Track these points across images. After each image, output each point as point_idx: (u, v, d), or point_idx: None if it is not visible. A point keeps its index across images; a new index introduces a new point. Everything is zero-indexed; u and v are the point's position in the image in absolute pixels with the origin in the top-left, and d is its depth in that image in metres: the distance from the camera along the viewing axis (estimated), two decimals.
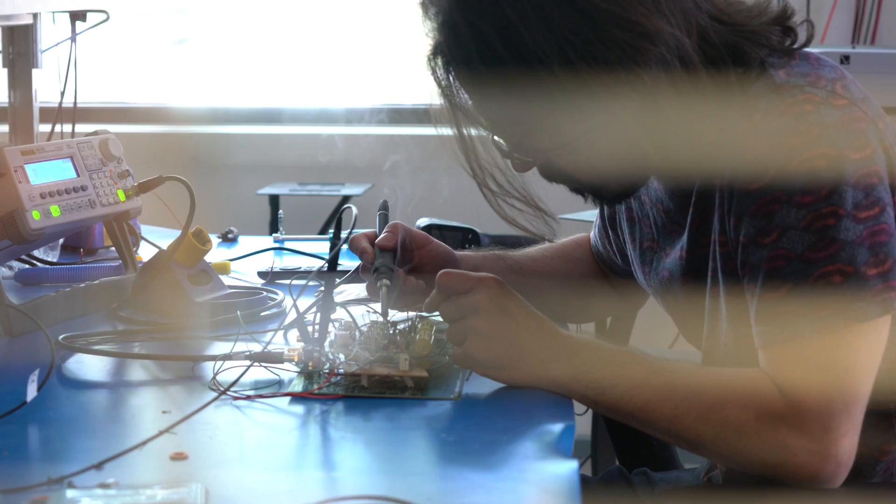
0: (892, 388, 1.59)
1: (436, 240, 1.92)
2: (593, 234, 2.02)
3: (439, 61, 1.58)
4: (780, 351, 1.49)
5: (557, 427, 1.48)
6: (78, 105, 2.73)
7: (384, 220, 1.91)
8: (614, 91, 1.50)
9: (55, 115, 2.73)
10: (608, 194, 1.67)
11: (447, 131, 1.61)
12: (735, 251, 1.54)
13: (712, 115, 1.53)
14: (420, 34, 1.60)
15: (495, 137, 1.63)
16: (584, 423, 2.09)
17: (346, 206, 1.75)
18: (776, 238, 1.48)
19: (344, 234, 1.72)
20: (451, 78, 1.58)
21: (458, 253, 1.95)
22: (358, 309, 1.77)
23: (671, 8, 1.52)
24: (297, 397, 1.56)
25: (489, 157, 1.64)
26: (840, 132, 1.48)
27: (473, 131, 1.62)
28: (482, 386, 1.61)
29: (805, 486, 1.48)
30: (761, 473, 1.52)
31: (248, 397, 1.55)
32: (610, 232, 1.93)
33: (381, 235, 1.84)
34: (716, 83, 1.54)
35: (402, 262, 1.82)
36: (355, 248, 1.86)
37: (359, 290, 1.96)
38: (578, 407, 1.60)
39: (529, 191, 1.66)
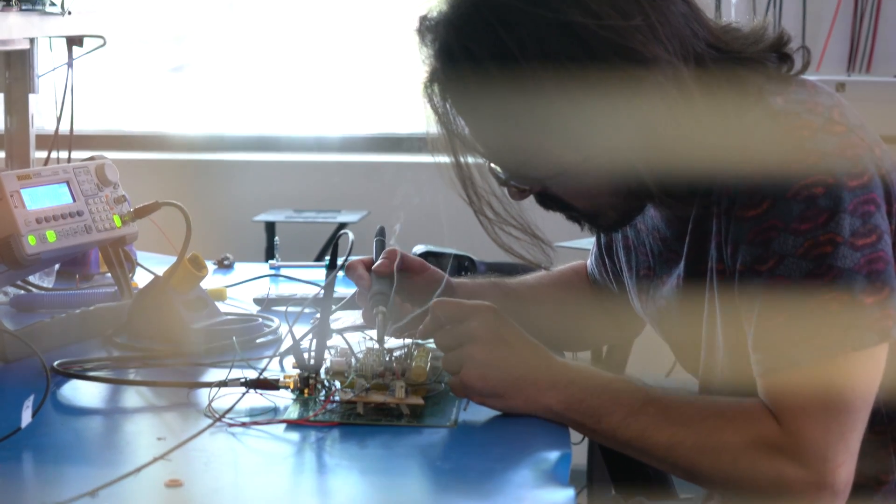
0: (889, 417, 1.59)
1: (432, 266, 1.92)
2: (590, 261, 2.02)
3: (436, 88, 1.58)
4: (777, 379, 1.49)
5: (554, 455, 1.47)
6: (74, 132, 2.73)
7: (381, 246, 1.91)
8: (611, 118, 1.50)
9: (51, 141, 2.73)
10: (605, 222, 1.67)
11: (444, 159, 1.61)
12: (732, 278, 1.54)
13: (709, 141, 1.53)
14: (416, 62, 1.60)
15: (492, 165, 1.63)
16: (580, 452, 2.08)
17: (342, 231, 1.74)
18: (773, 265, 1.48)
19: (340, 261, 1.72)
20: (447, 105, 1.58)
21: (455, 280, 1.95)
22: (354, 336, 1.77)
23: (668, 36, 1.52)
24: (292, 424, 1.55)
25: (486, 185, 1.63)
26: (837, 159, 1.47)
27: (471, 159, 1.62)
28: (478, 414, 1.60)
29: None
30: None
31: (243, 424, 1.54)
32: (606, 260, 1.92)
33: (378, 262, 1.84)
34: (713, 110, 1.53)
35: (398, 288, 1.82)
36: (352, 275, 1.85)
37: (355, 317, 1.95)
38: (575, 435, 1.60)
39: (526, 218, 1.66)
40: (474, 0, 1.53)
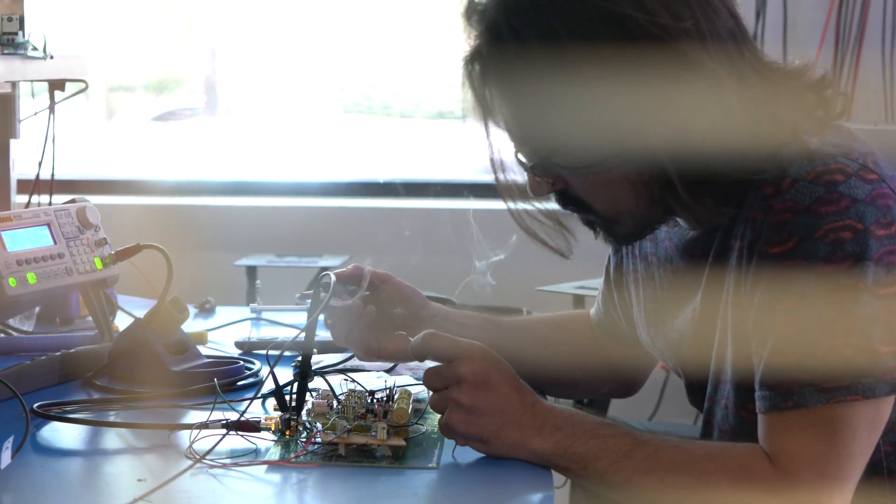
0: (889, 469, 1.58)
1: (397, 278, 1.91)
2: (595, 309, 2.01)
3: (476, 67, 1.56)
4: (780, 418, 1.47)
5: (536, 497, 1.47)
6: (56, 177, 2.73)
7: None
8: (648, 115, 1.49)
9: (32, 186, 2.73)
10: (620, 231, 1.64)
11: (428, 204, 1.61)
12: (748, 312, 1.52)
13: (741, 158, 1.51)
14: (457, 43, 1.59)
15: (518, 155, 1.62)
16: (562, 495, 2.08)
17: (324, 272, 1.74)
18: (792, 305, 1.47)
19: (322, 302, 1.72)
20: (486, 84, 1.56)
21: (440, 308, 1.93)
22: (335, 378, 1.76)
23: (715, 45, 1.51)
24: (274, 466, 1.54)
25: (515, 168, 1.62)
26: (868, 206, 1.46)
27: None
28: (461, 455, 1.60)
29: None
30: None
31: (224, 465, 1.53)
32: (616, 295, 1.91)
33: (342, 270, 1.83)
34: (749, 128, 1.52)
35: (365, 299, 1.83)
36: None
37: (336, 358, 1.95)
38: (558, 478, 1.59)
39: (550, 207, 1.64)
40: None
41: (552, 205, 1.65)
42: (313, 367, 1.68)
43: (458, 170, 4.09)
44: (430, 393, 1.62)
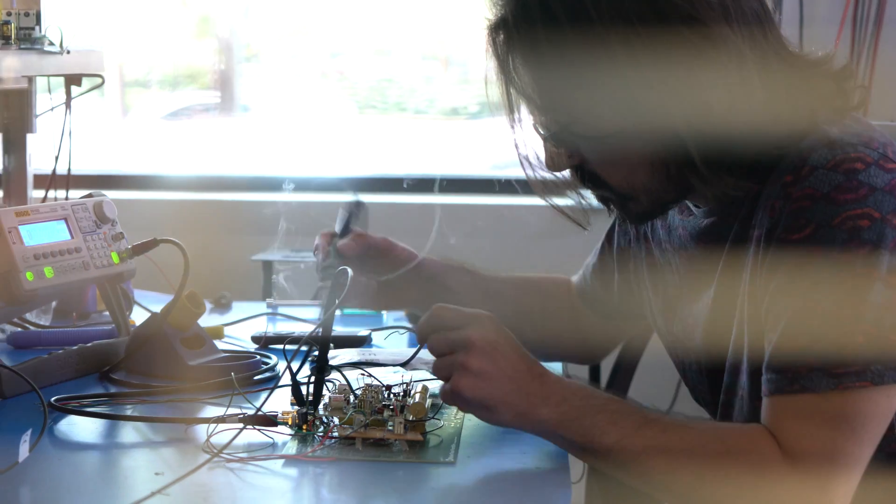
0: None
1: (401, 245, 1.94)
2: (579, 277, 2.04)
3: (501, 34, 1.57)
4: (786, 401, 1.47)
5: (553, 493, 1.47)
6: (72, 172, 2.73)
7: (347, 218, 1.95)
8: (669, 87, 1.49)
9: (49, 180, 2.73)
10: (635, 208, 1.64)
11: (438, 201, 1.62)
12: (764, 300, 1.52)
13: (760, 136, 1.52)
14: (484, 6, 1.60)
15: (538, 127, 1.62)
16: (579, 491, 2.07)
17: (341, 268, 1.74)
18: (806, 290, 1.47)
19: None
20: (509, 51, 1.57)
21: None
22: (352, 372, 1.76)
23: (739, 21, 1.52)
24: (291, 460, 1.54)
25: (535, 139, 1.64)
26: (887, 196, 1.46)
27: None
28: (478, 450, 1.60)
29: None
30: None
31: (241, 460, 1.53)
32: (618, 276, 1.92)
33: (343, 241, 1.85)
34: (768, 107, 1.53)
35: (364, 269, 1.90)
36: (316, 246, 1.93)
37: (353, 354, 1.95)
38: (574, 474, 1.59)
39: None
40: None
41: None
42: (330, 362, 1.69)
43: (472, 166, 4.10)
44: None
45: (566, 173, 1.65)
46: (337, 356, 1.95)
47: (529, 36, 1.54)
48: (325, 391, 1.66)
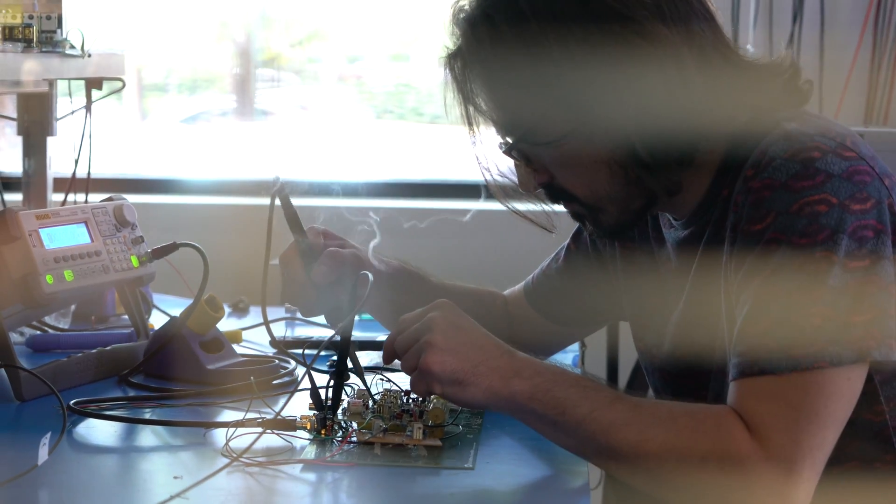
0: None
1: (366, 255, 1.93)
2: (526, 286, 2.04)
3: (458, 62, 1.62)
4: (750, 384, 1.48)
5: (573, 498, 1.47)
6: (91, 175, 2.73)
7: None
8: (609, 85, 1.53)
9: (69, 184, 2.73)
10: (606, 220, 1.66)
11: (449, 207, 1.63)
12: (735, 293, 1.54)
13: (703, 125, 1.56)
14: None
15: (501, 146, 1.65)
16: (595, 498, 2.07)
17: (361, 272, 1.74)
18: (768, 276, 1.49)
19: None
20: (466, 73, 1.61)
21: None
22: (371, 377, 1.76)
23: (674, 18, 1.55)
24: (309, 465, 1.54)
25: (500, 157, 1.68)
26: (844, 182, 1.49)
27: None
28: (496, 455, 1.60)
29: None
30: None
31: (260, 464, 1.53)
32: (592, 286, 1.92)
33: (318, 271, 1.87)
34: (710, 97, 1.56)
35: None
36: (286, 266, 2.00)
37: (372, 358, 1.95)
38: (592, 480, 1.58)
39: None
40: None
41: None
42: (349, 367, 1.69)
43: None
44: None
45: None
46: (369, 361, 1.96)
47: (481, 55, 1.59)
48: (343, 395, 1.66)
